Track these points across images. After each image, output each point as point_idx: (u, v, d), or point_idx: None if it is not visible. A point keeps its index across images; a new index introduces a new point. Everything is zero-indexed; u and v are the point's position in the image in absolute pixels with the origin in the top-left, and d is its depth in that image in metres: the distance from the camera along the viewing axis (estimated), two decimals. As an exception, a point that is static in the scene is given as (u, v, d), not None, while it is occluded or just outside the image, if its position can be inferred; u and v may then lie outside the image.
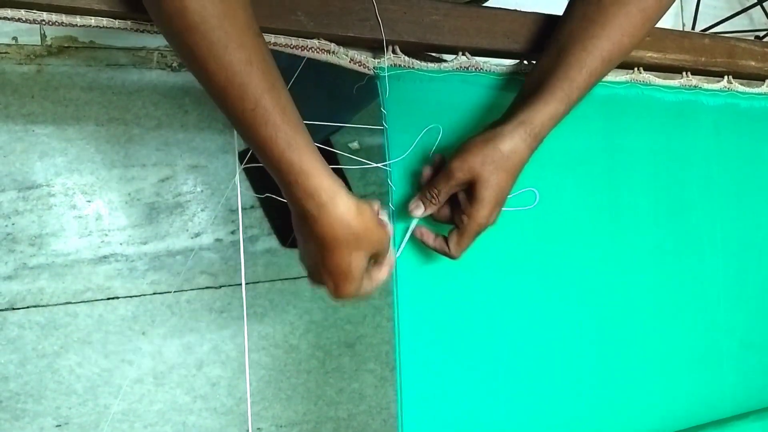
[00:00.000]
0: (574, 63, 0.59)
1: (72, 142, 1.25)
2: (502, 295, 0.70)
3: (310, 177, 0.47)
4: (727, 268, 0.86)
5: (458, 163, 0.55)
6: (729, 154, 0.86)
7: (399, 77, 0.64)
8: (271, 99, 0.46)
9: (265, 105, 0.46)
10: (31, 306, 1.22)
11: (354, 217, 0.49)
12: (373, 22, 0.62)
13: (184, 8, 0.44)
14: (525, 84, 0.63)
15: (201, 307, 1.32)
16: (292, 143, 0.46)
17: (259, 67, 0.46)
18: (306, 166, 0.47)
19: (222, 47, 0.45)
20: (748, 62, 0.85)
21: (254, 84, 0.45)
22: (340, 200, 0.48)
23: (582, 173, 0.75)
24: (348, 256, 0.50)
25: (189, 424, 1.31)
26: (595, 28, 0.60)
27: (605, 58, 0.60)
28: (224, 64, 0.45)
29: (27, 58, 1.24)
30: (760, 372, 0.89)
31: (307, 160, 0.47)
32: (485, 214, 0.56)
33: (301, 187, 0.47)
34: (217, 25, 0.44)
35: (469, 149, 0.55)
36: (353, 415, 1.44)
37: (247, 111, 0.46)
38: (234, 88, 0.45)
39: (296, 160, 0.46)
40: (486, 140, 0.55)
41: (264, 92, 0.46)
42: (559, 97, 0.58)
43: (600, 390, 0.76)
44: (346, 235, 0.49)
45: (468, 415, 0.68)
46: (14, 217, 1.21)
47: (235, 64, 0.45)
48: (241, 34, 0.46)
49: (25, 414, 1.20)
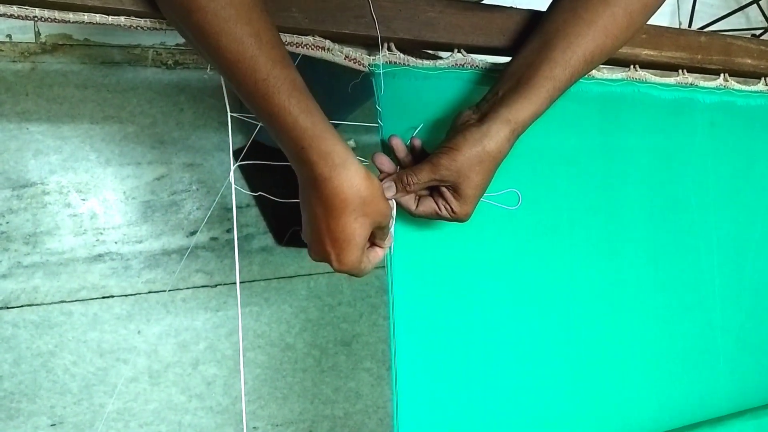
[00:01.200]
0: (559, 60, 0.59)
1: (66, 140, 1.25)
2: (497, 294, 0.70)
3: (324, 140, 0.48)
4: (722, 267, 0.86)
5: (447, 161, 0.55)
6: (725, 151, 0.86)
7: (394, 74, 0.64)
8: (282, 69, 0.48)
9: (276, 74, 0.47)
10: (25, 305, 1.21)
11: (363, 180, 0.50)
12: (368, 19, 0.62)
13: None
14: (506, 73, 0.62)
15: (196, 306, 1.32)
16: (305, 109, 0.48)
17: (268, 40, 0.48)
18: (319, 130, 0.48)
19: (232, 23, 0.46)
20: (744, 60, 0.85)
21: (265, 55, 0.47)
22: (351, 164, 0.50)
23: (577, 171, 0.75)
24: (354, 221, 0.51)
25: (184, 423, 1.30)
26: (581, 25, 0.60)
27: (588, 59, 0.60)
28: (235, 39, 0.47)
29: (21, 55, 1.23)
30: (755, 370, 0.89)
31: (320, 124, 0.49)
32: (468, 210, 0.58)
33: (315, 151, 0.48)
34: (226, 2, 0.46)
35: (458, 148, 0.56)
36: (349, 414, 1.44)
37: (260, 81, 0.47)
38: (246, 60, 0.47)
39: (309, 125, 0.48)
40: (474, 140, 0.56)
41: (275, 62, 0.48)
42: (542, 95, 0.58)
43: (595, 388, 0.76)
44: (354, 197, 0.50)
45: (463, 414, 0.67)
46: (8, 215, 1.21)
47: (245, 38, 0.47)
48: (249, 11, 0.47)
49: (20, 413, 1.19)
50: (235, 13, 0.47)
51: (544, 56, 0.59)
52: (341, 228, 0.51)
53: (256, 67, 0.47)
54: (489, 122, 0.56)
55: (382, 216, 0.54)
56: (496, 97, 0.59)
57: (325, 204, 0.51)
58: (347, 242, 0.52)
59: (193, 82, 1.35)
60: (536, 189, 0.72)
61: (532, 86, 0.58)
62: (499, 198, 0.67)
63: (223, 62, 0.48)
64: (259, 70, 0.47)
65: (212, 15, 0.46)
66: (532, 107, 0.57)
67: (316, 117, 0.49)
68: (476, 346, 0.68)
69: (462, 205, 0.57)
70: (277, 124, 0.49)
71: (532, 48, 0.61)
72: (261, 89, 0.48)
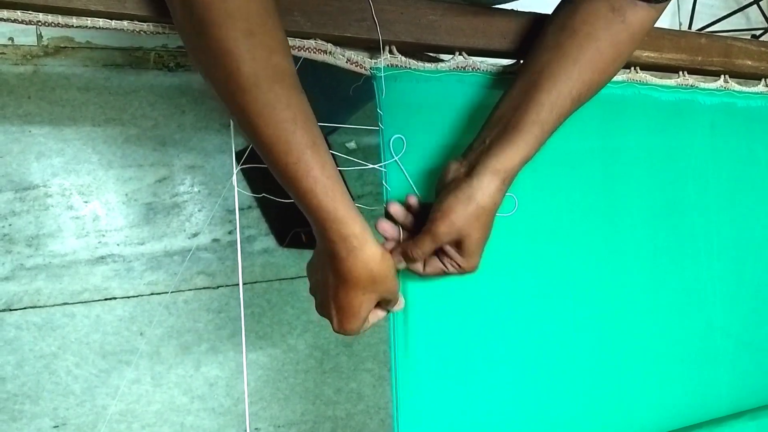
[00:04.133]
0: (545, 102, 0.58)
1: (69, 143, 1.25)
2: (497, 295, 0.70)
3: (345, 224, 0.51)
4: (722, 268, 0.86)
5: (444, 228, 0.56)
6: (725, 153, 0.86)
7: (395, 77, 0.64)
8: (312, 154, 0.49)
9: (307, 159, 0.49)
10: (28, 307, 1.21)
11: (377, 263, 0.54)
12: (369, 22, 0.62)
13: (237, 70, 0.47)
14: (493, 117, 0.61)
15: (199, 308, 1.32)
16: (329, 193, 0.50)
17: (303, 125, 0.49)
18: (341, 213, 0.51)
19: (271, 107, 0.48)
20: (745, 61, 0.85)
21: (298, 140, 0.49)
22: (368, 247, 0.53)
23: (578, 173, 0.75)
24: (362, 296, 0.55)
25: (187, 424, 1.31)
26: (567, 63, 0.59)
27: (575, 98, 0.59)
28: (272, 123, 0.48)
29: (23, 58, 1.24)
30: (755, 371, 0.89)
31: (342, 208, 0.51)
32: (474, 263, 0.59)
33: (335, 233, 0.51)
34: (267, 88, 0.48)
35: (451, 210, 0.56)
36: (351, 415, 1.44)
37: (291, 164, 0.49)
38: (280, 143, 0.49)
39: (332, 208, 0.50)
40: (466, 198, 0.56)
41: (306, 148, 0.49)
42: (530, 141, 0.57)
43: (596, 389, 0.77)
44: (366, 277, 0.54)
45: (464, 415, 0.68)
46: (11, 218, 1.21)
47: (281, 123, 0.48)
48: (288, 95, 0.49)
49: (23, 415, 1.20)
50: (275, 97, 0.48)
51: (530, 99, 0.58)
52: (349, 300, 0.55)
53: (288, 151, 0.49)
54: (478, 176, 0.56)
55: (389, 292, 0.57)
56: (483, 146, 0.59)
57: (338, 277, 0.54)
58: (352, 314, 0.56)
59: (194, 85, 1.35)
60: (536, 191, 0.72)
61: (519, 132, 0.57)
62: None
63: (257, 140, 0.50)
64: (291, 154, 0.49)
65: (253, 98, 0.48)
66: (521, 153, 0.57)
67: (339, 201, 0.51)
68: (477, 347, 0.69)
69: (468, 259, 0.58)
70: (303, 201, 0.51)
71: (518, 90, 0.60)
72: (291, 171, 0.49)
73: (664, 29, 0.79)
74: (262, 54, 0.47)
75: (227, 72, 0.47)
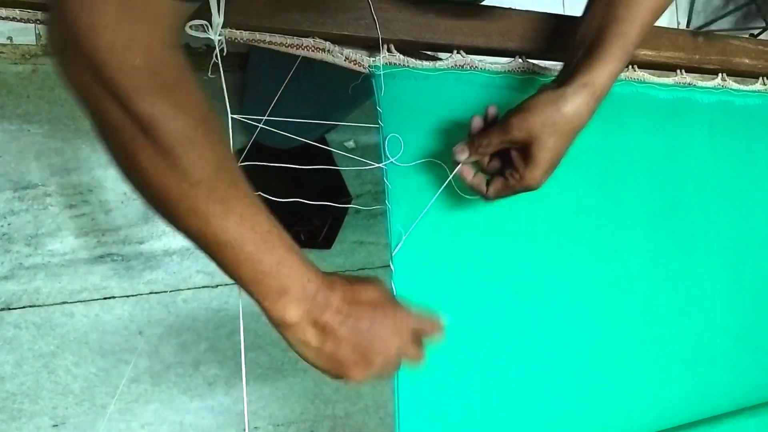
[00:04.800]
0: (626, 17, 0.57)
1: (68, 142, 1.25)
2: (498, 294, 0.70)
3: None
4: (721, 265, 0.86)
5: (517, 121, 0.54)
6: (723, 151, 0.86)
7: (394, 75, 0.64)
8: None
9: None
10: (27, 306, 1.22)
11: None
12: (368, 20, 0.62)
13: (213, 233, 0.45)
14: (576, 42, 0.60)
15: (197, 306, 1.33)
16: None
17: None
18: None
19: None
20: (742, 60, 0.86)
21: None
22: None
23: (576, 171, 0.75)
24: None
25: (186, 423, 1.31)
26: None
27: (653, 8, 0.58)
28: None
29: (22, 57, 1.24)
30: (754, 369, 0.89)
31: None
32: (537, 176, 0.56)
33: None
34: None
35: (530, 108, 0.54)
36: (350, 414, 1.44)
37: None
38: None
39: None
40: (549, 101, 0.54)
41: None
42: (617, 54, 0.56)
43: (595, 387, 0.77)
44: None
45: (464, 413, 0.68)
46: (10, 217, 1.21)
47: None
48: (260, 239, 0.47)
49: (22, 414, 1.20)
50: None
51: (611, 16, 0.57)
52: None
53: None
54: (566, 86, 0.55)
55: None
56: (570, 68, 0.58)
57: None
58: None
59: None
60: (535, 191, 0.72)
61: (604, 47, 0.56)
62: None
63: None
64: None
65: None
66: (609, 67, 0.55)
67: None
68: (477, 345, 0.69)
69: (531, 169, 0.55)
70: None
71: (595, 12, 0.59)
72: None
73: (662, 28, 0.79)
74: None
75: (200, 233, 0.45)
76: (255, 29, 0.59)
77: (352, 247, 1.46)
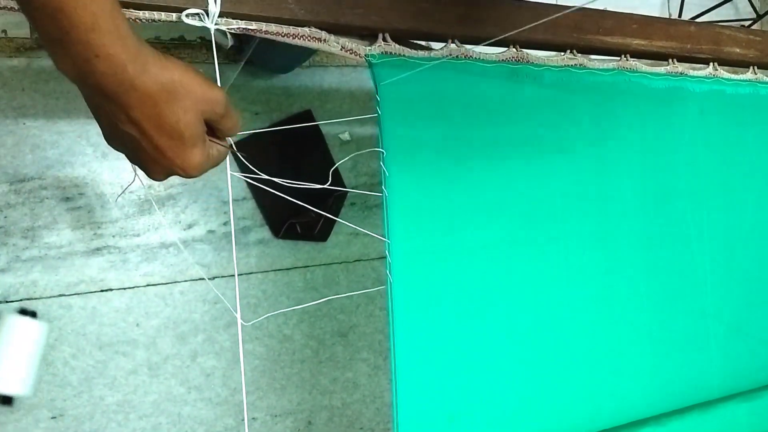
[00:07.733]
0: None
1: (63, 135, 1.25)
2: (492, 283, 0.71)
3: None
4: (713, 253, 0.87)
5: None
6: (715, 139, 0.87)
7: (391, 64, 0.64)
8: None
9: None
10: (24, 299, 1.22)
11: (171, 70, 0.44)
12: (363, 9, 0.63)
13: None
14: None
15: (194, 299, 1.33)
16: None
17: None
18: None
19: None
20: (733, 49, 0.86)
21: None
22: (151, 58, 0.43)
23: (569, 159, 0.76)
24: (173, 109, 0.44)
25: (184, 414, 1.31)
26: None
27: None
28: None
29: (17, 51, 1.23)
30: (746, 355, 0.90)
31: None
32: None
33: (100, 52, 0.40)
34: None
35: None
36: (347, 404, 1.45)
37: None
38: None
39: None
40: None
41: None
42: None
43: (590, 374, 0.78)
44: (169, 89, 0.44)
45: (461, 403, 0.69)
46: (6, 210, 1.21)
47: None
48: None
49: (21, 406, 1.20)
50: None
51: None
52: (159, 121, 0.44)
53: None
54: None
55: (211, 102, 0.46)
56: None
57: (130, 108, 0.44)
58: (176, 136, 0.45)
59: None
60: (528, 178, 0.73)
61: None
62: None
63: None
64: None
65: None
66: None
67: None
68: (473, 336, 0.69)
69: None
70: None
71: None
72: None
73: (654, 17, 0.80)
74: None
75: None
76: (251, 19, 0.59)
77: (348, 239, 1.47)
